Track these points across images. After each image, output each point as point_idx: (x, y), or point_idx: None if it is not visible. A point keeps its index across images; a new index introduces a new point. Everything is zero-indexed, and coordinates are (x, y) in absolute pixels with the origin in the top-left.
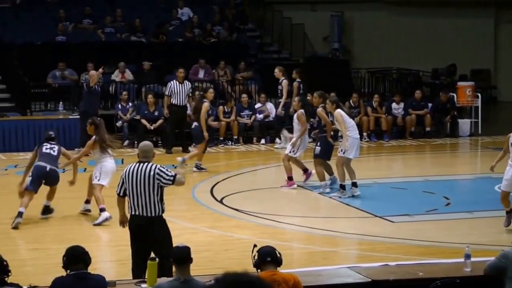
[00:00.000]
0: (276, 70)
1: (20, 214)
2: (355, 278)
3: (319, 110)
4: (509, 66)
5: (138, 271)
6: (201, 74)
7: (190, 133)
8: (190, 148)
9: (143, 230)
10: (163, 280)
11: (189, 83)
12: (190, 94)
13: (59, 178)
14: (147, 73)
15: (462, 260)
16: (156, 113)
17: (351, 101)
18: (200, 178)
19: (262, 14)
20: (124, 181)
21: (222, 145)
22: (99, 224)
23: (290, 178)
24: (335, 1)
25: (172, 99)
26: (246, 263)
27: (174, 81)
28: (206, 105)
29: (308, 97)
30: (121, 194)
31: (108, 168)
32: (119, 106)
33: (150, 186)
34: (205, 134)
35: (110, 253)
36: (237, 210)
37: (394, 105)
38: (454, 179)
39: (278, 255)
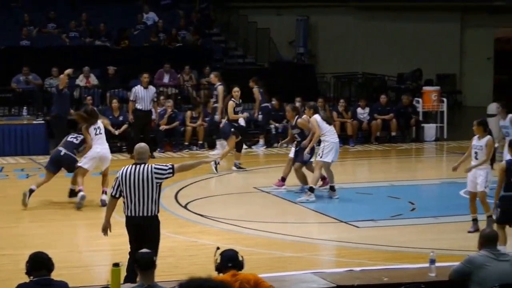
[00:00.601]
0: (212, 75)
1: (30, 191)
2: (319, 283)
3: (300, 120)
4: (475, 71)
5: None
6: (166, 79)
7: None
8: (155, 154)
9: (140, 229)
10: (127, 286)
11: (154, 88)
12: (155, 99)
13: (74, 162)
14: (112, 78)
15: (427, 265)
16: (120, 118)
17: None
18: (164, 183)
19: (227, 18)
20: (121, 183)
21: (187, 150)
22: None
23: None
24: (300, 6)
25: (136, 104)
26: (210, 268)
27: (139, 86)
28: (231, 103)
29: (273, 102)
30: (116, 195)
31: (93, 152)
32: None
33: (148, 187)
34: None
35: (77, 259)
36: (201, 215)
37: (359, 110)
38: (419, 184)
39: (240, 258)
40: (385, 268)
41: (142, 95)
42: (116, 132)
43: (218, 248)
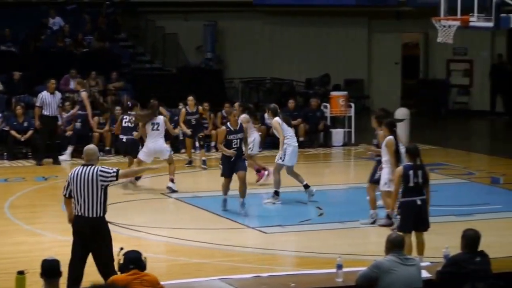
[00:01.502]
0: (75, 83)
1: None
2: None
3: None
4: (382, 76)
5: (75, 271)
6: (72, 85)
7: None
8: (60, 158)
9: (85, 230)
10: None
11: (60, 94)
12: (61, 105)
13: (136, 144)
14: (17, 83)
15: (334, 270)
16: (25, 124)
17: (223, 111)
18: None
19: (135, 23)
20: (70, 183)
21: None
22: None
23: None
24: (208, 11)
25: (43, 110)
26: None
27: (45, 91)
28: (183, 110)
29: (181, 106)
30: (67, 195)
31: (147, 147)
32: None
33: (93, 188)
34: (176, 131)
35: None
36: (108, 222)
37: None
38: (327, 189)
39: (143, 259)
40: (293, 273)
41: (49, 101)
42: (22, 139)
43: (121, 249)
